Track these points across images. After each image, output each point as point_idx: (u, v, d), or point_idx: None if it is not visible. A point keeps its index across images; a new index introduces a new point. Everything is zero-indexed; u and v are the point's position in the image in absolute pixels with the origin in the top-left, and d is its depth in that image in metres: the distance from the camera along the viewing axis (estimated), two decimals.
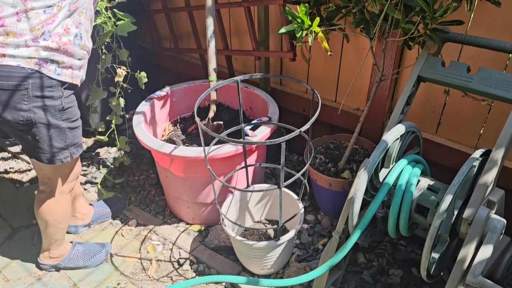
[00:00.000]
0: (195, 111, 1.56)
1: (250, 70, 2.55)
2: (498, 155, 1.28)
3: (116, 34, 2.17)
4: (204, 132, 1.65)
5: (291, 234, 1.77)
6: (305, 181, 1.81)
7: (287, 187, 2.00)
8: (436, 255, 1.39)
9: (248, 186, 2.01)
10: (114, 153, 2.75)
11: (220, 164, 1.87)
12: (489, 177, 1.27)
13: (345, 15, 1.68)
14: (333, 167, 2.07)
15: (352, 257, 1.97)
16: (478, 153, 1.36)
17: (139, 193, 2.45)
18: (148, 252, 2.09)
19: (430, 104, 1.94)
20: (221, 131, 2.03)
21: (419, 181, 1.48)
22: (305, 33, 1.57)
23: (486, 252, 1.23)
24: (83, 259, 1.99)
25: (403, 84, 1.98)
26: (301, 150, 2.59)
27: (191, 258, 2.04)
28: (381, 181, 1.54)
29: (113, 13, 2.14)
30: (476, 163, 1.34)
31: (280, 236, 1.74)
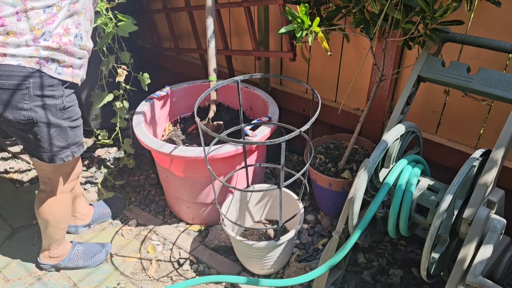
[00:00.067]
0: (195, 111, 1.56)
1: (250, 70, 2.55)
2: (498, 155, 1.28)
3: (117, 35, 2.17)
4: (204, 132, 1.65)
5: (291, 234, 1.77)
6: (305, 181, 1.81)
7: (287, 187, 2.00)
8: (436, 255, 1.39)
9: (248, 186, 2.01)
10: (114, 153, 2.75)
11: (220, 164, 1.88)
12: (489, 177, 1.27)
13: (345, 15, 1.68)
14: (333, 167, 2.07)
15: (352, 257, 1.97)
16: (478, 153, 1.36)
17: (139, 193, 2.45)
18: (148, 252, 2.09)
19: (430, 104, 1.94)
20: (221, 131, 2.03)
21: (419, 181, 1.48)
22: (305, 33, 1.57)
23: (486, 252, 1.23)
24: (83, 259, 1.99)
25: (403, 84, 1.98)
26: (301, 150, 2.59)
27: (191, 258, 2.04)
28: (381, 181, 1.54)
29: (114, 14, 2.14)
30: (476, 163, 1.34)
31: (280, 236, 1.74)
